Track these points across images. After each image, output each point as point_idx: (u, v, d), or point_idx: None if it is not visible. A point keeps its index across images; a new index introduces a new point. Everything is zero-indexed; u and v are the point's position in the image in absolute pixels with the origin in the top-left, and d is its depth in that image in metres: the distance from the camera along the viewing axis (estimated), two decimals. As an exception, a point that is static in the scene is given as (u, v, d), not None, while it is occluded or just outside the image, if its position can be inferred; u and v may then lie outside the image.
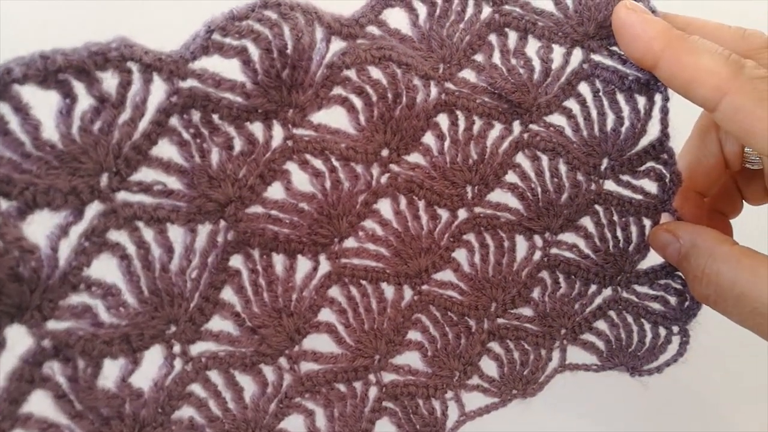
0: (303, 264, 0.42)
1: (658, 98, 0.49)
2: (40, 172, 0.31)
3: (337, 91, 0.41)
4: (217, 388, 0.38)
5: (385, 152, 0.43)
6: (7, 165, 0.30)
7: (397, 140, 0.43)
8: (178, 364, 0.36)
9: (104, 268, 0.33)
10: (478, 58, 0.45)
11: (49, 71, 0.30)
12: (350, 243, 0.43)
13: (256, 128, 0.38)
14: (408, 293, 0.46)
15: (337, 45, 0.40)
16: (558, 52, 0.47)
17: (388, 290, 0.45)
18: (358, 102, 0.41)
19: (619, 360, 0.52)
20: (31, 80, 0.29)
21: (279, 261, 0.40)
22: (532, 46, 0.47)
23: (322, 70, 0.39)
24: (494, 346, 0.50)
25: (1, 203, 0.29)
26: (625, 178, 0.50)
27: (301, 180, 0.41)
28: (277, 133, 0.39)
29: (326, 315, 0.43)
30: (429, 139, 0.45)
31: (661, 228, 0.49)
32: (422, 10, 0.44)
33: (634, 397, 0.59)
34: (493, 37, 0.46)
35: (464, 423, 0.48)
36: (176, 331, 0.36)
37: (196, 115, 0.35)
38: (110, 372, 0.34)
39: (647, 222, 0.50)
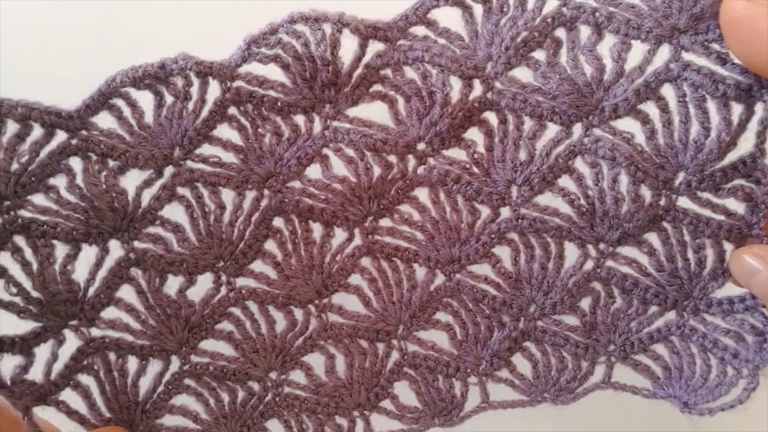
0: (341, 234, 0.49)
1: (759, 108, 0.40)
2: (135, 144, 0.46)
3: (377, 88, 0.46)
4: (254, 315, 0.50)
5: (421, 146, 0.47)
6: (116, 138, 0.46)
7: (432, 135, 0.46)
8: (223, 289, 0.49)
9: (176, 214, 0.48)
10: (538, 55, 0.45)
11: (137, 78, 0.44)
12: (386, 222, 0.49)
13: (300, 119, 0.47)
14: (440, 278, 0.49)
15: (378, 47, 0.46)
16: (640, 48, 0.43)
17: (421, 272, 0.50)
18: (396, 98, 0.46)
19: (675, 391, 0.47)
20: (127, 84, 0.44)
21: (318, 228, 0.49)
22: (608, 43, 0.44)
23: (360, 71, 0.45)
24: (530, 346, 0.50)
25: (109, 162, 0.46)
26: (705, 195, 0.44)
27: (341, 165, 0.48)
28: (318, 124, 0.47)
29: (358, 281, 0.50)
30: (477, 135, 0.47)
31: (748, 252, 0.42)
32: (477, 8, 0.45)
33: (633, 396, 0.52)
34: (561, 33, 0.44)
35: (485, 410, 0.50)
36: (223, 266, 0.48)
37: (249, 107, 0.46)
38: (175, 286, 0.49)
39: (729, 246, 0.43)
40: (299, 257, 0.49)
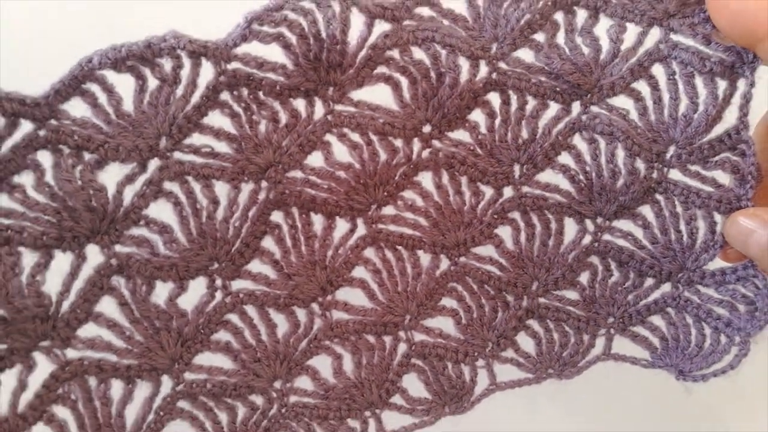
0: (342, 225, 0.47)
1: (741, 83, 0.44)
2: (114, 134, 0.39)
3: (381, 70, 0.44)
4: (253, 321, 0.45)
5: (426, 128, 0.45)
6: (91, 128, 0.39)
7: (439, 117, 0.45)
8: (218, 295, 0.44)
9: (163, 213, 0.42)
10: (539, 37, 0.45)
11: (118, 59, 0.38)
12: (389, 210, 0.47)
13: (300, 104, 0.43)
14: (445, 263, 0.48)
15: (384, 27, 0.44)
16: (632, 31, 0.45)
17: (426, 258, 0.49)
18: (401, 80, 0.45)
19: (672, 360, 0.50)
20: (106, 66, 0.38)
21: (318, 220, 0.46)
22: (604, 26, 0.45)
23: (365, 52, 0.43)
24: (533, 324, 0.50)
25: (85, 155, 0.39)
26: (694, 168, 0.46)
27: (343, 152, 0.45)
28: (319, 108, 0.44)
29: (362, 273, 0.48)
30: (479, 117, 0.47)
31: (744, 213, 0.45)
32: None
33: (633, 396, 0.56)
34: (559, 16, 0.45)
35: (493, 392, 0.50)
36: (218, 268, 0.43)
37: (244, 92, 0.42)
38: (164, 294, 0.43)
39: (720, 218, 0.46)
40: (300, 253, 0.46)
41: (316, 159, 0.45)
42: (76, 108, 0.39)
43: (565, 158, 0.47)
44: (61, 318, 0.39)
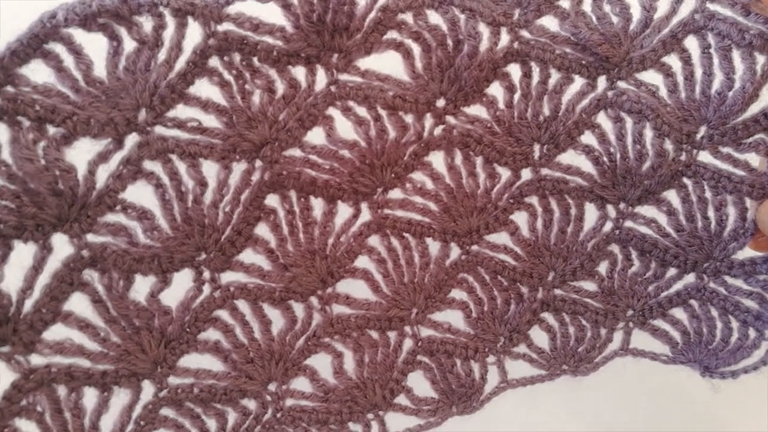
0: (344, 210, 0.42)
1: None
2: (84, 104, 0.34)
3: (392, 35, 0.39)
4: (245, 317, 0.41)
5: (440, 102, 0.41)
6: (56, 97, 0.33)
7: (455, 90, 0.40)
8: (206, 289, 0.39)
9: (142, 196, 0.36)
10: (564, 4, 0.41)
11: (88, 15, 0.32)
12: (396, 194, 0.42)
13: (300, 72, 0.38)
14: (455, 251, 0.44)
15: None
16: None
17: (434, 246, 0.44)
18: (413, 48, 0.40)
19: (695, 356, 0.47)
20: (73, 23, 0.32)
21: (318, 205, 0.41)
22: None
23: (375, 14, 0.38)
24: (548, 317, 0.47)
25: (49, 129, 0.33)
26: (726, 150, 0.43)
27: (348, 128, 0.40)
28: (321, 78, 0.38)
29: (365, 263, 0.43)
30: (497, 90, 0.42)
31: None
32: None
33: (633, 397, 0.54)
34: None
35: (504, 390, 0.47)
36: (206, 259, 0.38)
37: (236, 58, 0.36)
38: (145, 289, 0.38)
39: (751, 204, 0.43)
40: (297, 241, 0.41)
41: (317, 136, 0.39)
42: (38, 73, 0.33)
43: (588, 138, 0.43)
44: (23, 319, 0.34)
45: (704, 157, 0.43)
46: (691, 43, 0.42)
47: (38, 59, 0.32)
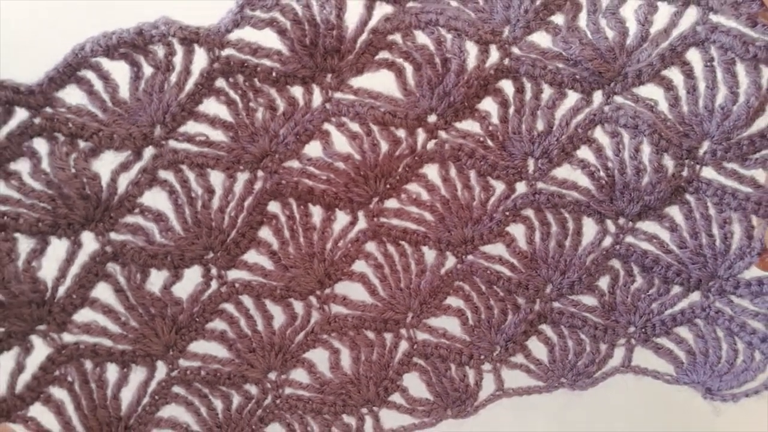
0: (343, 218, 0.45)
1: None
2: (109, 122, 0.40)
3: (383, 55, 0.42)
4: (249, 311, 0.45)
5: (432, 118, 0.43)
6: (87, 116, 0.39)
7: (445, 106, 0.42)
8: (214, 284, 0.44)
9: (158, 201, 0.42)
10: (557, 19, 0.41)
11: (110, 46, 0.38)
12: (392, 203, 0.45)
13: (298, 91, 0.42)
14: (451, 261, 0.46)
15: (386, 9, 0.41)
16: (665, 11, 0.41)
17: (431, 254, 0.46)
18: (404, 66, 0.42)
19: (699, 377, 0.45)
20: (98, 54, 0.38)
21: (318, 212, 0.45)
22: (632, 6, 0.41)
23: (366, 36, 0.41)
24: (546, 329, 0.47)
25: (79, 143, 0.39)
26: (731, 166, 0.42)
27: (343, 142, 0.44)
28: (317, 96, 0.42)
29: (363, 268, 0.46)
30: (491, 106, 0.44)
31: None
32: None
33: (633, 396, 0.51)
34: None
35: (500, 398, 0.48)
36: (213, 257, 0.43)
37: (240, 79, 0.41)
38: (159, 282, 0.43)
39: (758, 222, 0.41)
40: (298, 245, 0.45)
41: (314, 149, 0.43)
42: (73, 96, 0.39)
43: (584, 153, 0.44)
44: (56, 303, 0.40)
45: (708, 173, 0.42)
46: (694, 56, 0.41)
47: (73, 84, 0.39)
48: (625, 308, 0.46)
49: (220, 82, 0.41)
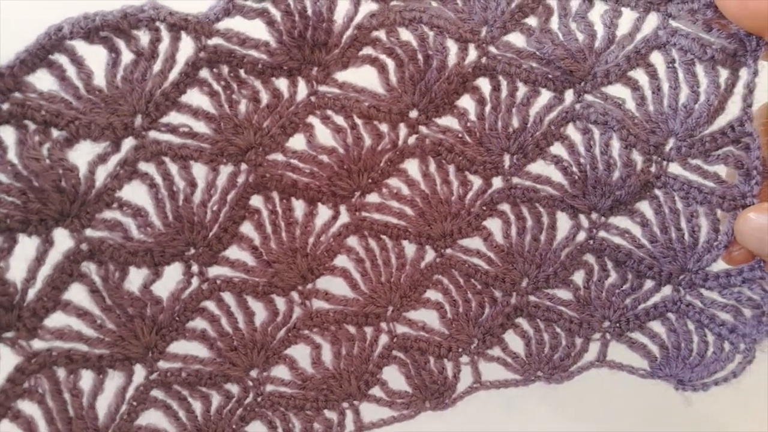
0: (324, 212, 0.45)
1: (744, 72, 0.42)
2: (85, 110, 0.38)
3: (367, 51, 0.42)
4: (230, 309, 0.44)
5: (413, 113, 0.44)
6: (60, 103, 0.37)
7: (427, 102, 0.43)
8: (195, 282, 0.43)
9: (137, 195, 0.40)
10: (531, 21, 0.43)
11: (91, 29, 0.36)
12: (373, 198, 0.45)
13: (282, 84, 0.42)
14: (430, 254, 0.47)
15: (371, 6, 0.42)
16: (629, 16, 0.44)
17: (411, 248, 0.47)
18: (387, 62, 0.43)
19: (672, 371, 0.47)
20: (77, 36, 0.36)
21: (300, 206, 0.44)
22: (599, 11, 0.44)
23: (351, 31, 0.41)
24: (523, 322, 0.49)
25: (53, 132, 0.37)
26: (695, 162, 0.44)
27: (327, 135, 0.44)
28: (302, 89, 0.42)
29: (344, 262, 0.46)
30: (469, 103, 0.45)
31: (757, 209, 0.42)
32: None
33: (633, 396, 0.54)
34: (552, 0, 0.43)
35: (477, 390, 0.48)
36: (194, 254, 0.42)
37: (224, 69, 0.40)
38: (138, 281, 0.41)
39: (722, 216, 0.44)
40: (280, 240, 0.44)
41: (298, 142, 0.43)
42: (43, 81, 0.37)
43: (557, 149, 0.46)
44: (26, 307, 0.38)
45: (675, 168, 0.45)
46: (657, 58, 0.44)
47: (44, 69, 0.37)
48: (600, 303, 0.48)
49: (204, 73, 0.40)
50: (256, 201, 0.43)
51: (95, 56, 0.38)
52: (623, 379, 0.50)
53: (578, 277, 0.48)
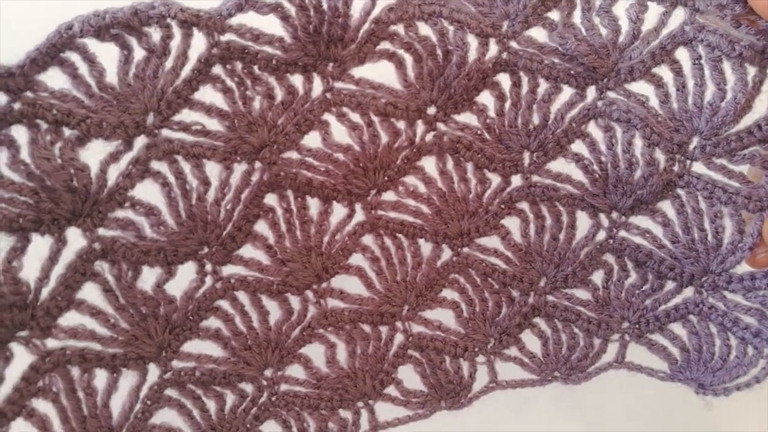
0: (339, 210, 0.44)
1: None
2: (97, 108, 0.37)
3: (385, 46, 0.41)
4: (244, 308, 0.43)
5: (431, 110, 0.43)
6: (72, 102, 0.37)
7: (445, 98, 0.42)
8: (208, 280, 0.42)
9: (149, 194, 0.40)
10: (553, 15, 0.42)
11: (102, 26, 0.35)
12: (389, 196, 0.45)
13: (297, 80, 0.41)
14: (447, 253, 0.46)
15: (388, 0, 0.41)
16: (654, 11, 0.42)
17: (427, 246, 0.46)
18: (405, 58, 0.42)
19: (693, 374, 0.47)
20: (88, 34, 0.35)
21: (315, 204, 0.44)
22: (624, 5, 0.42)
23: (368, 26, 0.40)
24: (540, 322, 0.48)
25: (65, 131, 0.37)
26: (720, 161, 0.43)
27: (342, 132, 0.43)
28: (317, 85, 0.41)
29: (359, 261, 0.45)
30: (488, 99, 0.44)
31: None
32: None
33: (632, 396, 0.53)
34: None
35: (493, 390, 0.48)
36: (208, 252, 0.41)
37: (238, 66, 0.39)
38: (151, 280, 0.41)
39: (748, 217, 0.43)
40: (295, 238, 0.43)
41: (313, 139, 0.42)
42: (55, 79, 0.36)
43: (578, 146, 0.45)
44: (40, 306, 0.37)
45: (698, 168, 0.43)
46: (683, 54, 0.42)
47: (55, 67, 0.36)
48: (619, 303, 0.47)
49: (217, 69, 0.39)
50: (271, 199, 0.42)
51: (107, 54, 0.37)
52: (620, 377, 0.50)
53: (597, 277, 0.47)
